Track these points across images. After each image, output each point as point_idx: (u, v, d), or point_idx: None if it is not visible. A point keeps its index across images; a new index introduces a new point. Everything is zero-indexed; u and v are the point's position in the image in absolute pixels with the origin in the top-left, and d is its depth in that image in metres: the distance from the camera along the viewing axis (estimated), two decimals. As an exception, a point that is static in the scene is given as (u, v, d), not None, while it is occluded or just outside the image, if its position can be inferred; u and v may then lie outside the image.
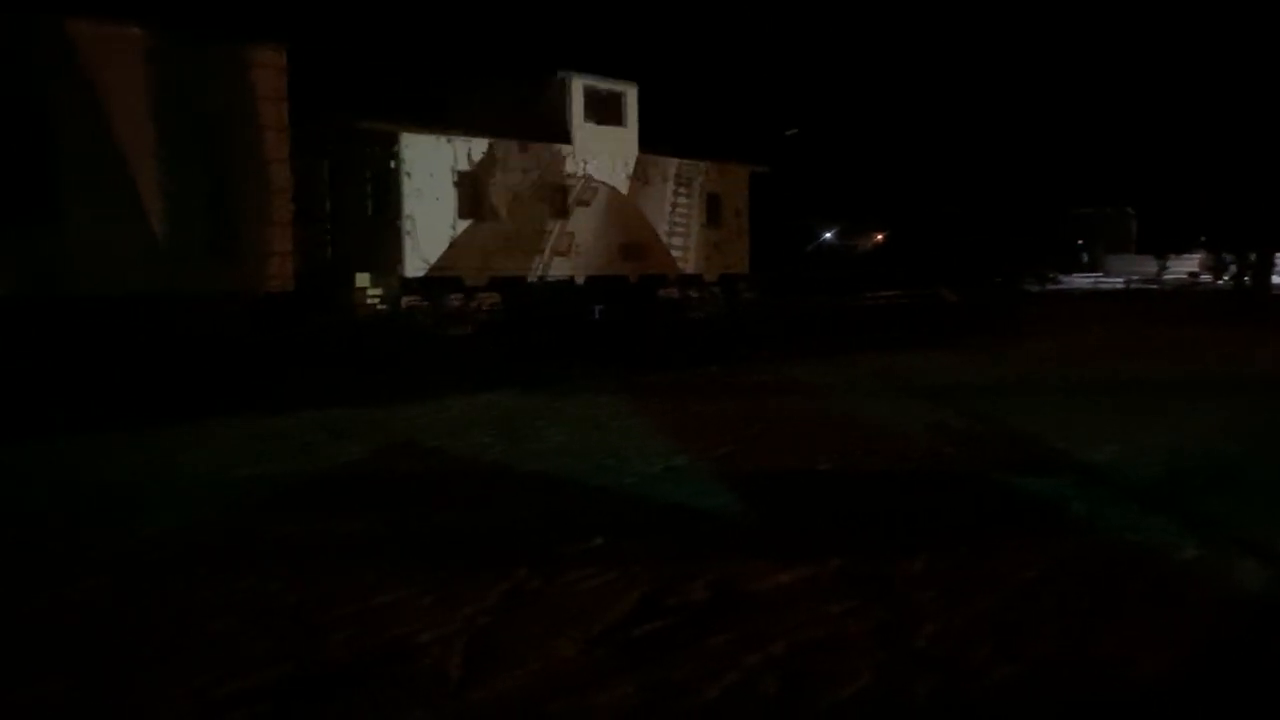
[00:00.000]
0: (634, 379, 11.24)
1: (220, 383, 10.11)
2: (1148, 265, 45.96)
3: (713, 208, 19.81)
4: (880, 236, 44.53)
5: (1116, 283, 41.22)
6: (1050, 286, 38.70)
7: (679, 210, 19.09)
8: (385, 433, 7.95)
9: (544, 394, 9.96)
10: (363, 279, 14.45)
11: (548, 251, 16.57)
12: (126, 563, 4.63)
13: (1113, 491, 6.02)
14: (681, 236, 19.20)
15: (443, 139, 15.00)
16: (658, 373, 11.81)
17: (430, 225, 14.82)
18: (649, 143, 18.45)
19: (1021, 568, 4.46)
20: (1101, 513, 5.47)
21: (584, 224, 17.14)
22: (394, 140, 14.50)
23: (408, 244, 14.49)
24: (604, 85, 17.39)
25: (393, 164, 14.54)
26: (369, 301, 14.41)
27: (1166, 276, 43.42)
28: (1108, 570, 4.46)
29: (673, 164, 18.92)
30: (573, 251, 16.95)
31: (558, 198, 16.69)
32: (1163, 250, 46.50)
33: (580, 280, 17.23)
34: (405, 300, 14.79)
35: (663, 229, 18.74)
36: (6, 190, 10.01)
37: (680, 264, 19.23)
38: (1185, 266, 44.85)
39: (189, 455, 7.10)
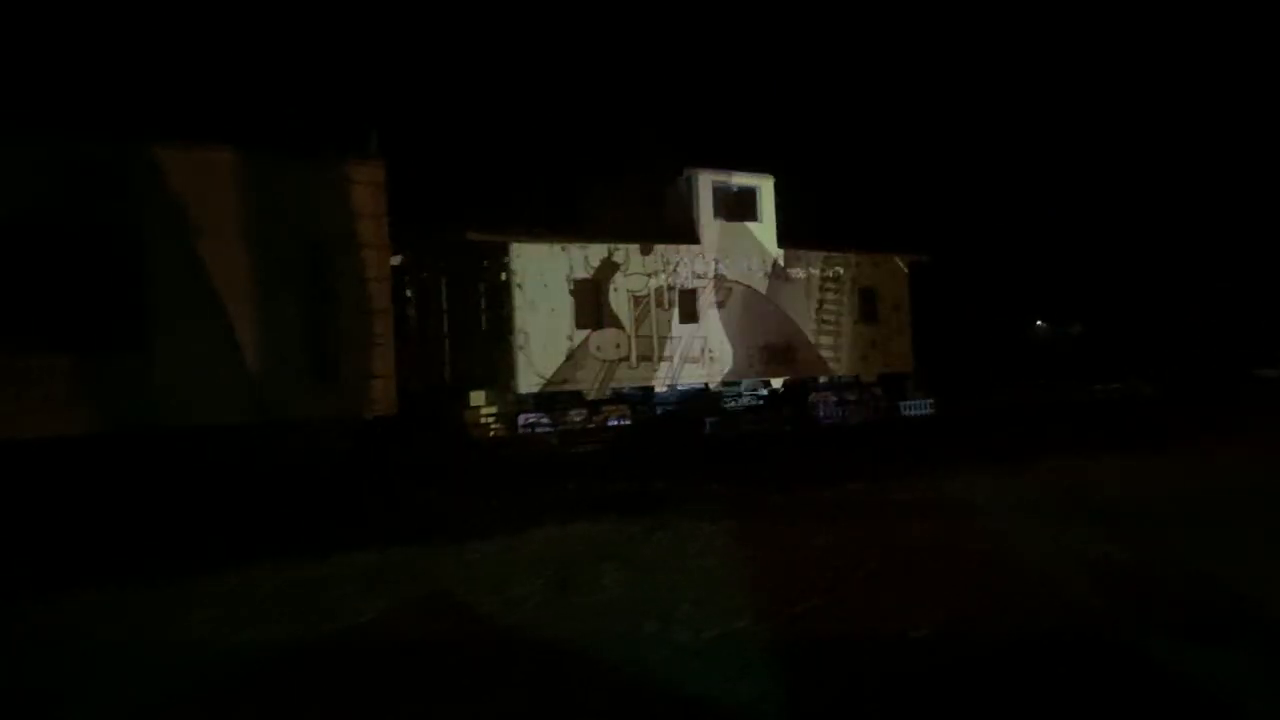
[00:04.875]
0: (755, 500, 9.99)
1: (295, 518, 9.49)
2: None
3: (867, 302, 18.30)
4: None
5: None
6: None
7: (827, 307, 17.68)
8: (426, 581, 7.08)
9: (641, 522, 8.89)
10: (477, 397, 13.80)
11: (677, 358, 15.49)
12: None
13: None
14: (832, 335, 17.75)
15: (556, 247, 14.32)
16: (786, 492, 10.44)
17: (545, 338, 14.05)
18: (792, 235, 17.24)
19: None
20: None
21: (718, 327, 16.00)
22: (504, 251, 13.92)
23: (520, 359, 13.74)
24: (735, 181, 16.41)
25: (504, 276, 13.94)
26: (483, 421, 13.69)
27: None
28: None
29: (817, 257, 17.59)
30: (706, 357, 15.81)
31: (687, 301, 15.66)
32: None
33: (715, 387, 16.02)
34: (522, 418, 13.99)
35: (809, 328, 17.36)
36: (99, 321, 9.86)
37: (832, 365, 17.73)
38: None
39: (198, 614, 6.38)
